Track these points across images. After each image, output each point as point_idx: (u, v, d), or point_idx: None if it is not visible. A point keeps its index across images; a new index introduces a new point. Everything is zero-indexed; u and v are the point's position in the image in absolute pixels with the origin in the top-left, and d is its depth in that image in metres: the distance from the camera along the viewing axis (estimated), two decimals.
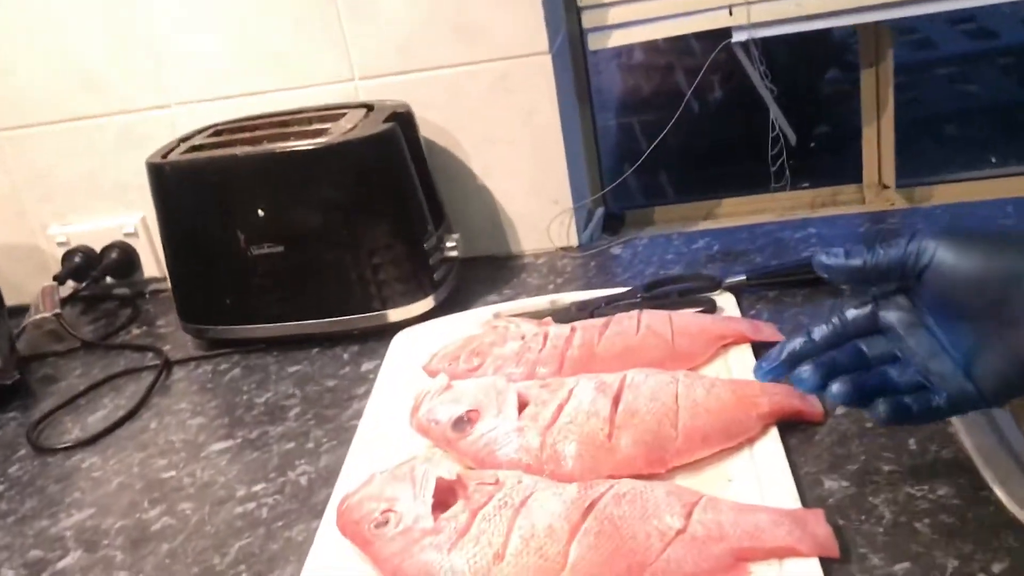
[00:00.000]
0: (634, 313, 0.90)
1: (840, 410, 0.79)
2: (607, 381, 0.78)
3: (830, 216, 1.18)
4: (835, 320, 0.68)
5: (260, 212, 1.03)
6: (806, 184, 1.28)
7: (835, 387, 0.64)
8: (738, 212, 1.32)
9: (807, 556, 0.62)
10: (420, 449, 0.81)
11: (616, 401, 0.76)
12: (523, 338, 0.89)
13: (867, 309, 0.67)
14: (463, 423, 0.77)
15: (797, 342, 0.68)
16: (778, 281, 1.01)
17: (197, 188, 1.06)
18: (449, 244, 1.10)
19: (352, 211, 1.03)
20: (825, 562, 0.62)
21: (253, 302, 1.08)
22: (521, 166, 1.18)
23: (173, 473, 0.89)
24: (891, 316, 0.66)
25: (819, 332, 0.68)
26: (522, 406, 0.77)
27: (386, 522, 0.67)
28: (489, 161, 1.19)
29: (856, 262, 0.64)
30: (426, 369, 0.91)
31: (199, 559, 0.76)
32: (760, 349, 0.88)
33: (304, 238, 1.04)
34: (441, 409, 0.79)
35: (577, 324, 0.90)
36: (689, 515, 0.64)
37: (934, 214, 1.14)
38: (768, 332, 0.90)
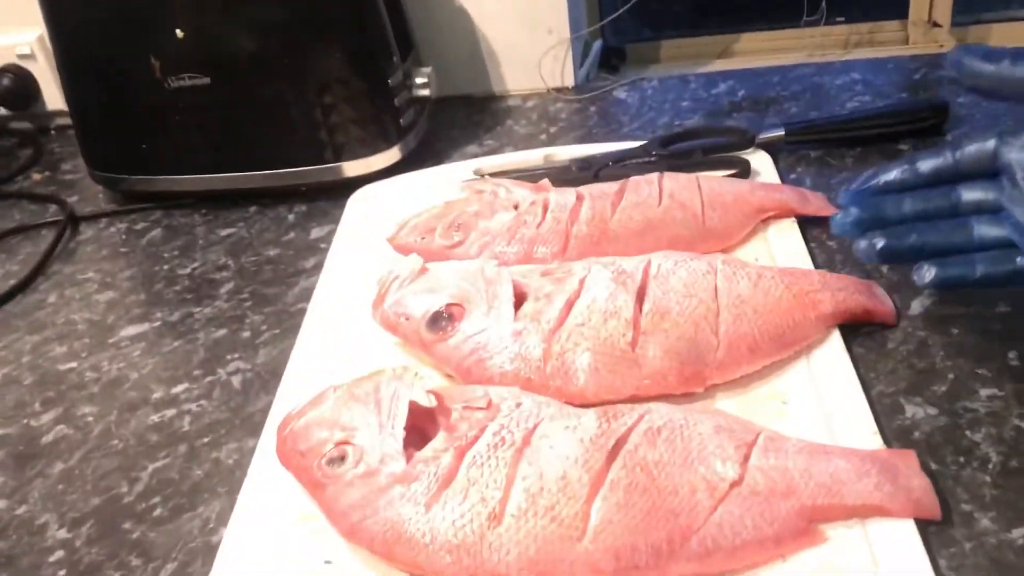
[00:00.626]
0: (652, 177, 0.72)
1: (915, 309, 0.62)
2: (626, 269, 0.60)
3: (875, 59, 0.98)
4: (947, 154, 0.56)
5: (178, 33, 0.81)
6: (840, 19, 1.08)
7: (882, 242, 0.56)
8: (759, 49, 1.11)
9: (899, 517, 0.47)
10: (389, 353, 0.64)
11: (640, 297, 0.58)
12: (516, 207, 0.70)
13: (989, 144, 0.55)
14: (442, 320, 0.60)
15: (896, 171, 0.58)
16: (823, 138, 0.82)
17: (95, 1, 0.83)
18: (419, 80, 0.89)
19: (297, 34, 0.81)
20: (920, 524, 0.47)
21: (175, 148, 0.87)
22: None
23: (74, 365, 0.71)
24: (1013, 155, 0.53)
25: (927, 163, 0.57)
26: (519, 300, 0.60)
27: (341, 458, 0.51)
28: None
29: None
30: (393, 243, 0.72)
31: (101, 485, 0.60)
32: (808, 226, 0.71)
33: (235, 68, 0.82)
34: (414, 300, 0.62)
35: (583, 190, 0.71)
36: (746, 460, 0.48)
37: None
38: (817, 203, 0.72)
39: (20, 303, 0.80)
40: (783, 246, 0.69)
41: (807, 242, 0.69)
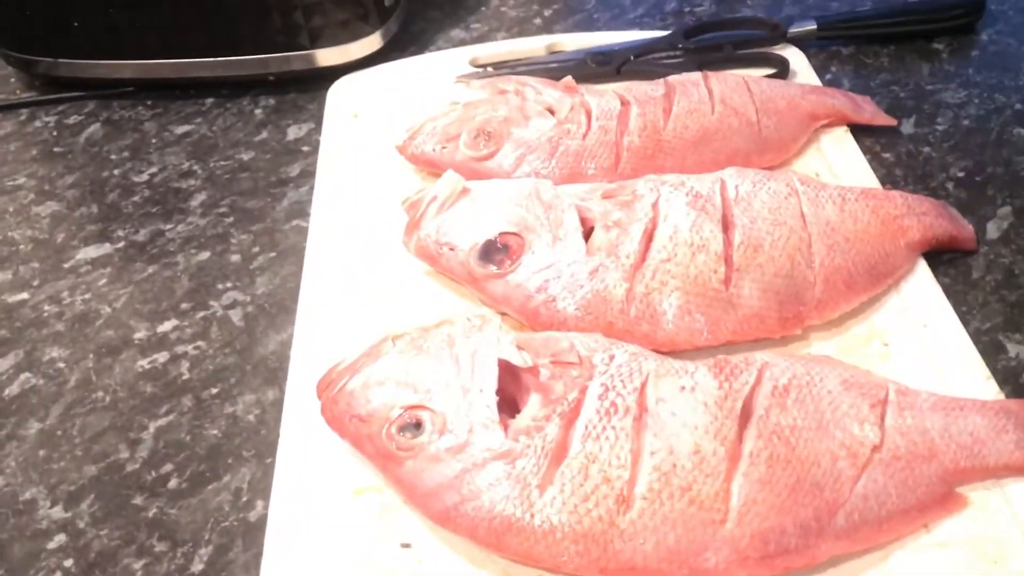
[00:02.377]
0: (696, 77, 0.64)
1: (993, 232, 0.58)
2: (701, 191, 0.53)
3: None
4: None
5: None
6: None
7: None
8: None
9: None
10: (421, 284, 0.55)
11: (726, 225, 0.52)
12: (552, 113, 0.61)
13: None
14: (497, 252, 0.51)
15: None
16: (854, 34, 0.76)
17: None
18: None
19: None
20: None
21: (114, 25, 0.73)
22: None
23: (25, 296, 0.60)
24: None
25: None
26: (584, 229, 0.52)
27: (416, 425, 0.43)
28: None
29: None
30: (405, 152, 0.62)
31: (95, 449, 0.50)
32: (858, 135, 0.65)
33: None
34: (458, 227, 0.53)
35: (623, 92, 0.63)
36: (882, 420, 0.43)
37: None
38: (870, 110, 0.67)
39: None
40: (841, 159, 0.63)
41: (862, 154, 0.64)
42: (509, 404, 0.44)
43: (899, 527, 0.42)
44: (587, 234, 0.52)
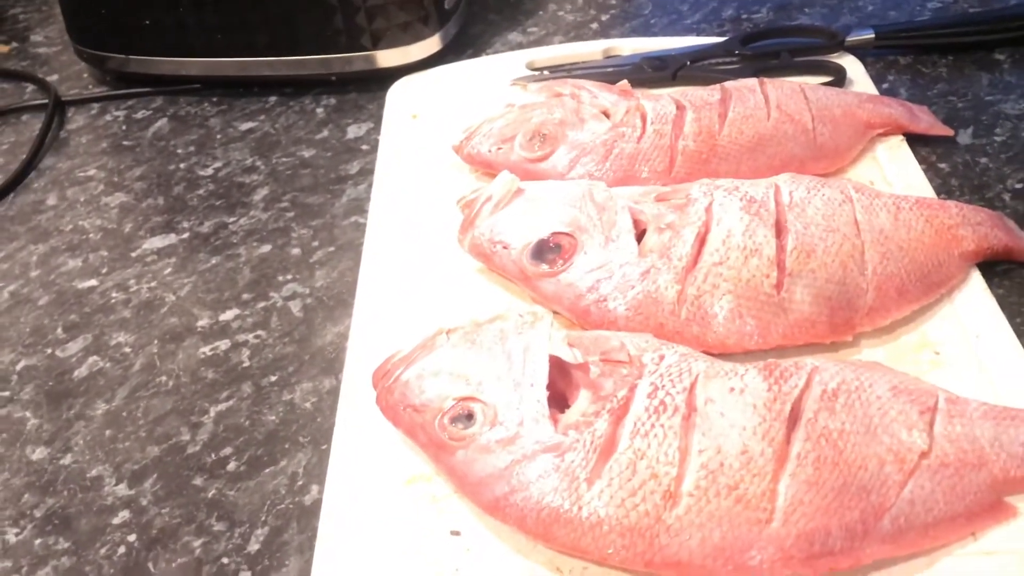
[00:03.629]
0: (752, 83, 0.64)
1: None
2: (755, 196, 0.54)
3: None
4: None
5: None
6: None
7: None
8: None
9: None
10: (475, 283, 0.57)
11: (779, 231, 0.52)
12: (607, 116, 0.62)
13: None
14: (550, 252, 0.52)
15: None
16: (912, 43, 0.76)
17: None
18: None
19: None
20: None
21: (183, 24, 0.75)
22: None
23: (94, 283, 0.62)
24: None
25: None
26: (637, 231, 0.53)
27: (468, 416, 0.44)
28: None
29: None
30: (461, 152, 0.64)
31: (158, 431, 0.52)
32: (914, 145, 0.65)
33: None
34: (512, 226, 0.54)
35: (679, 97, 0.63)
36: (931, 427, 0.43)
37: None
38: (927, 120, 0.66)
39: (14, 204, 0.70)
40: (897, 168, 0.63)
41: (918, 163, 0.63)
42: (559, 400, 0.45)
43: (946, 534, 0.42)
44: (639, 236, 0.53)
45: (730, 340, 0.49)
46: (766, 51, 0.73)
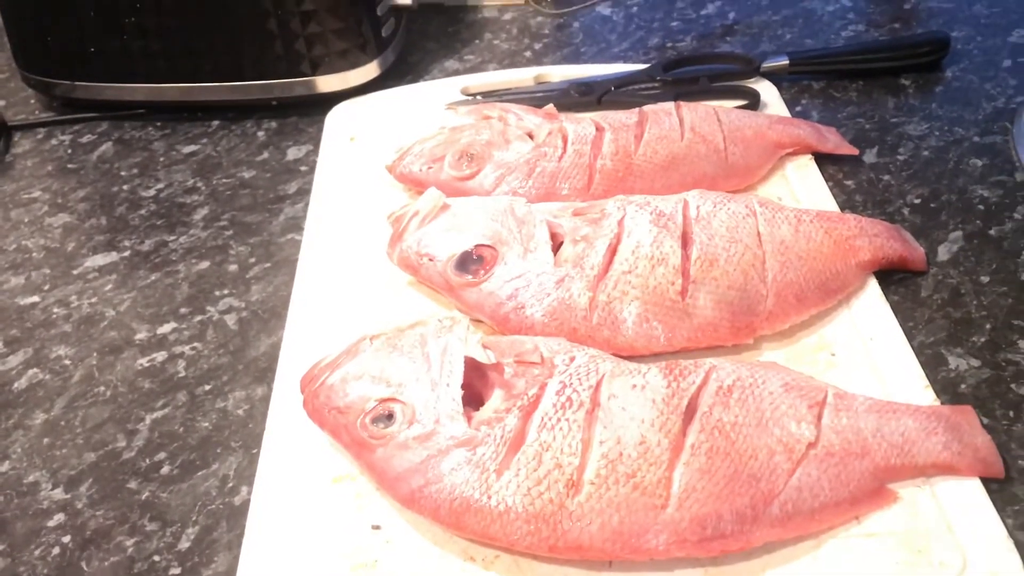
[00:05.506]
0: (669, 106, 0.68)
1: (943, 254, 0.62)
2: (664, 210, 0.57)
3: None
4: None
5: None
6: None
7: None
8: None
9: (965, 475, 0.47)
10: (403, 293, 0.59)
11: (685, 242, 0.55)
12: (531, 137, 0.66)
13: None
14: (472, 263, 0.55)
15: None
16: (826, 69, 0.80)
17: None
18: None
19: None
20: (984, 482, 0.47)
21: (126, 51, 0.78)
22: None
23: (36, 299, 0.64)
24: None
25: None
26: (553, 243, 0.56)
27: (389, 416, 0.47)
28: None
29: None
30: (393, 171, 0.67)
31: (95, 439, 0.54)
32: (823, 163, 0.69)
33: None
34: (438, 239, 0.57)
35: (599, 119, 0.67)
36: (819, 420, 0.47)
37: None
38: (834, 140, 0.71)
39: None
40: (804, 185, 0.67)
41: (824, 181, 0.67)
42: (476, 399, 0.48)
43: (831, 518, 0.45)
44: (557, 248, 0.56)
45: (638, 343, 0.53)
46: (687, 77, 0.77)
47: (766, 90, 0.77)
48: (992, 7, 0.89)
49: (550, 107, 0.70)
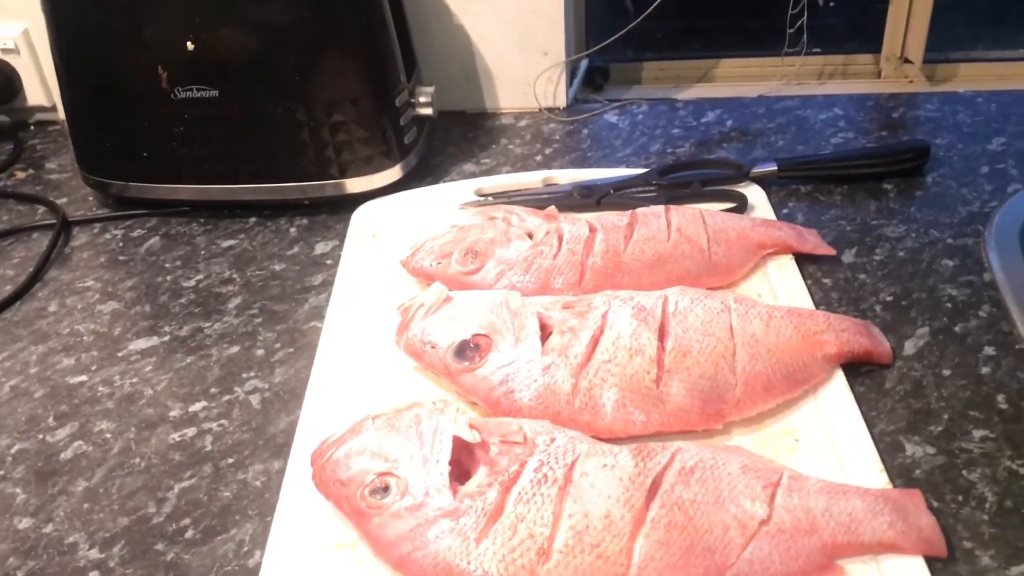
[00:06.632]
0: (659, 210, 0.75)
1: (910, 349, 0.67)
2: (645, 305, 0.63)
3: (856, 95, 1.03)
4: None
5: (189, 45, 0.81)
6: (817, 50, 1.12)
7: None
8: (738, 76, 1.15)
9: (910, 553, 0.51)
10: (409, 378, 0.66)
11: (662, 334, 0.61)
12: (531, 236, 0.73)
13: None
14: (469, 351, 0.62)
15: None
16: (812, 174, 0.86)
17: (106, 5, 0.82)
18: (422, 99, 0.90)
19: (310, 52, 0.82)
20: (928, 560, 0.51)
21: (176, 157, 0.87)
22: (507, 6, 0.98)
23: (84, 378, 0.71)
24: None
25: None
26: (543, 332, 0.62)
27: (385, 489, 0.52)
28: None
29: None
30: (406, 266, 0.74)
31: (128, 505, 0.60)
32: (803, 262, 0.75)
33: (246, 82, 0.83)
34: (439, 329, 0.63)
35: (594, 221, 0.74)
36: (772, 499, 0.52)
37: (972, 102, 1.00)
38: (813, 241, 0.76)
39: (19, 311, 0.80)
40: (783, 282, 0.72)
41: (804, 279, 0.73)
42: (464, 474, 0.54)
43: None
44: (547, 338, 0.62)
45: (616, 426, 0.58)
46: (680, 181, 0.84)
47: (755, 194, 0.83)
48: (975, 116, 0.95)
49: (551, 208, 0.77)
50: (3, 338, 0.76)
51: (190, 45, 0.81)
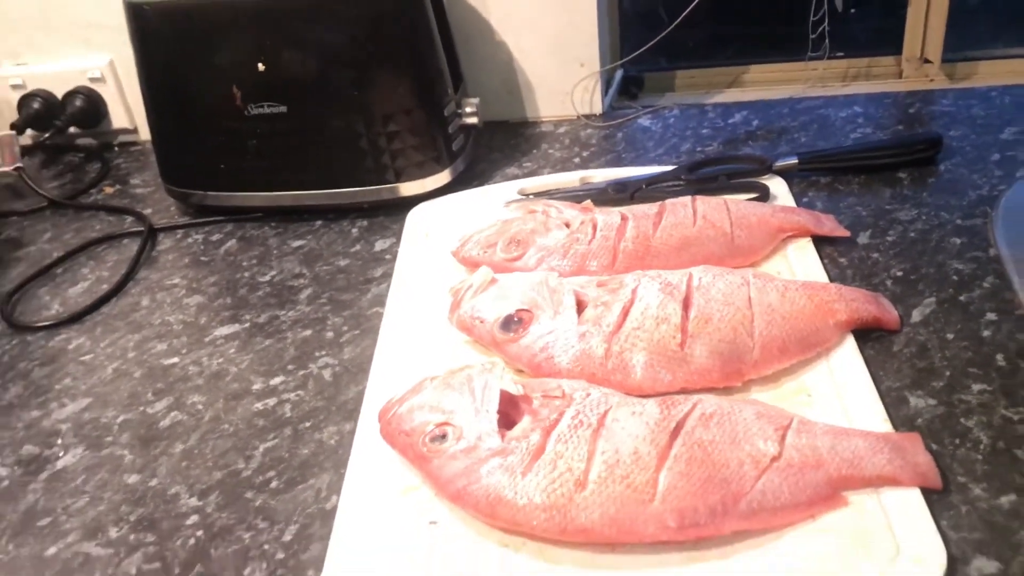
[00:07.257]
0: (687, 200, 0.82)
1: (916, 317, 0.73)
2: (672, 281, 0.71)
3: (874, 94, 1.09)
4: None
5: (260, 66, 0.91)
6: (840, 54, 1.18)
7: None
8: (766, 80, 1.22)
9: (908, 486, 0.58)
10: (461, 350, 0.74)
11: (686, 305, 0.69)
12: (568, 226, 0.80)
13: None
14: (513, 323, 0.70)
15: None
16: (831, 166, 0.93)
17: (186, 36, 0.92)
18: (468, 110, 0.99)
19: (367, 70, 0.91)
20: (925, 492, 0.58)
21: (249, 167, 0.97)
22: (545, 21, 1.06)
23: (176, 360, 0.81)
24: None
25: None
26: (579, 307, 0.70)
27: (443, 436, 0.60)
28: (509, 12, 1.07)
29: None
30: (456, 255, 0.82)
31: (221, 462, 0.69)
32: (821, 244, 0.82)
33: (311, 98, 0.92)
34: (487, 306, 0.72)
35: (626, 211, 0.81)
36: (783, 440, 0.59)
37: (986, 96, 1.05)
38: (830, 225, 0.83)
39: (116, 305, 0.90)
40: (801, 262, 0.79)
41: (821, 259, 0.80)
42: (510, 424, 0.61)
43: (790, 516, 0.56)
44: (581, 312, 0.70)
45: (645, 384, 0.65)
46: (708, 175, 0.91)
47: (777, 185, 0.90)
48: (989, 109, 1.01)
49: (587, 202, 0.85)
50: (103, 329, 0.86)
51: (261, 66, 0.90)
